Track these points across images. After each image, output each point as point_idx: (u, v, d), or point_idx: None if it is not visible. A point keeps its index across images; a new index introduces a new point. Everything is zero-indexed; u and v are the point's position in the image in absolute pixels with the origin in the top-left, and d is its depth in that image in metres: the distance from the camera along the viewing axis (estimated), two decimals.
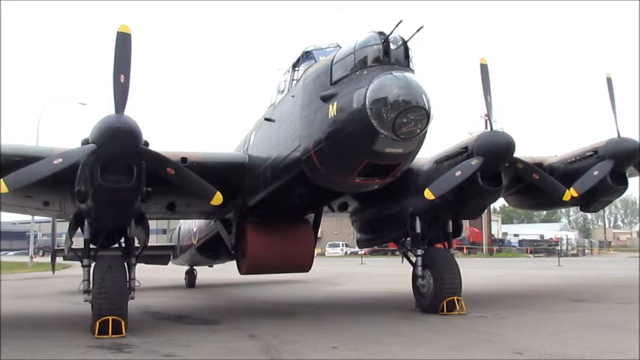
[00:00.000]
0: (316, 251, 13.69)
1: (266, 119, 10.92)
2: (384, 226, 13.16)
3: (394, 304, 13.22)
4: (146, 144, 9.00)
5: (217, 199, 9.38)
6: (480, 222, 53.91)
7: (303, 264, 12.91)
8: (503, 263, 37.39)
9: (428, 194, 10.33)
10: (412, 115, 7.94)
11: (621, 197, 20.22)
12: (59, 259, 20.65)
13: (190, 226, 16.84)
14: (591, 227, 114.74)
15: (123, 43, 8.79)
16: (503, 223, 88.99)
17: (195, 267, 20.63)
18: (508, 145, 10.83)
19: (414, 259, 12.14)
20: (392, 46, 8.34)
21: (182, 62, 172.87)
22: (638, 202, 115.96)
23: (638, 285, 16.39)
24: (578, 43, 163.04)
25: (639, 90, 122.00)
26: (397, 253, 17.10)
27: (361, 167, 8.77)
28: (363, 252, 44.48)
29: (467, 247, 55.67)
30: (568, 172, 12.99)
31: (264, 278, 20.51)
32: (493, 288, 17.53)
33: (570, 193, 11.88)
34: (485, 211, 24.49)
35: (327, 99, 8.70)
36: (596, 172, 12.32)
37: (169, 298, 16.89)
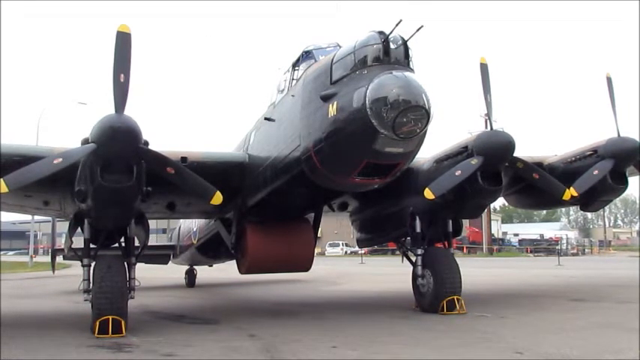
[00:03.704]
0: (316, 251, 13.68)
1: (266, 119, 10.92)
2: (384, 226, 13.16)
3: (394, 304, 13.22)
4: (146, 143, 9.01)
5: (217, 198, 9.38)
6: (479, 221, 53.88)
7: (303, 263, 12.92)
8: (503, 263, 37.40)
9: (428, 194, 10.34)
10: (412, 114, 7.94)
11: (621, 196, 20.22)
12: (59, 259, 20.66)
13: (190, 226, 16.84)
14: (591, 226, 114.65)
15: (123, 42, 8.79)
16: (503, 222, 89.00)
17: (195, 266, 20.64)
18: (508, 145, 10.83)
19: (413, 259, 12.14)
20: (392, 46, 8.34)
21: (182, 62, 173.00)
22: (638, 201, 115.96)
23: (638, 285, 16.39)
24: (578, 43, 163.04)
25: (639, 90, 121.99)
26: (397, 252, 17.10)
27: (361, 167, 8.77)
28: (363, 251, 44.47)
29: (467, 247, 55.69)
30: (568, 171, 12.99)
31: (264, 278, 20.50)
32: (493, 287, 17.54)
33: (570, 192, 11.89)
34: (485, 210, 24.51)
35: (327, 98, 8.70)
36: (596, 172, 12.32)
37: (169, 297, 16.89)
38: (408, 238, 12.57)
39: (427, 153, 11.49)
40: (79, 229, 10.66)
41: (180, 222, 18.84)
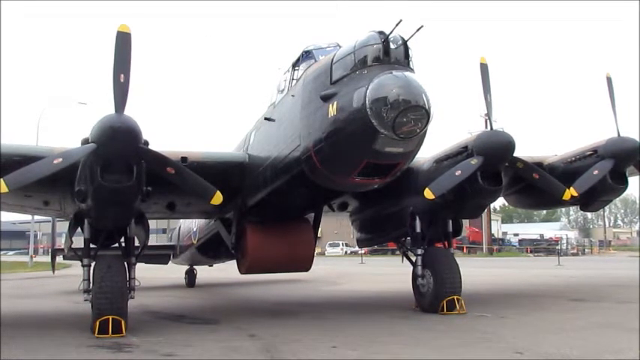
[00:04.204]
0: (316, 251, 13.68)
1: (266, 119, 10.92)
2: (384, 226, 13.16)
3: (394, 304, 13.22)
4: (146, 143, 9.02)
5: (217, 198, 9.38)
6: (479, 221, 53.88)
7: (303, 263, 12.92)
8: (504, 263, 37.41)
9: (428, 193, 10.34)
10: (412, 114, 7.94)
11: (621, 196, 20.22)
12: (59, 259, 20.65)
13: (190, 226, 16.84)
14: (591, 226, 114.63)
15: (123, 42, 8.79)
16: (503, 222, 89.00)
17: (195, 266, 20.63)
18: (508, 145, 10.83)
19: (414, 259, 12.14)
20: (392, 46, 8.34)
21: (182, 62, 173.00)
22: (638, 201, 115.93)
23: (638, 285, 16.39)
24: (578, 43, 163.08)
25: (639, 90, 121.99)
26: (397, 252, 17.11)
27: (361, 167, 8.77)
28: (362, 251, 44.48)
29: (467, 247, 55.69)
30: (568, 171, 12.99)
31: (264, 278, 20.50)
32: (493, 287, 17.54)
33: (570, 192, 11.89)
34: (485, 210, 24.50)
35: (327, 98, 8.70)
36: (596, 172, 12.32)
37: (169, 297, 16.89)
38: (408, 238, 12.57)
39: (427, 153, 11.50)
40: (79, 229, 10.67)
41: (180, 222, 18.84)
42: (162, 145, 9.65)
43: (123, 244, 10.44)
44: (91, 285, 9.85)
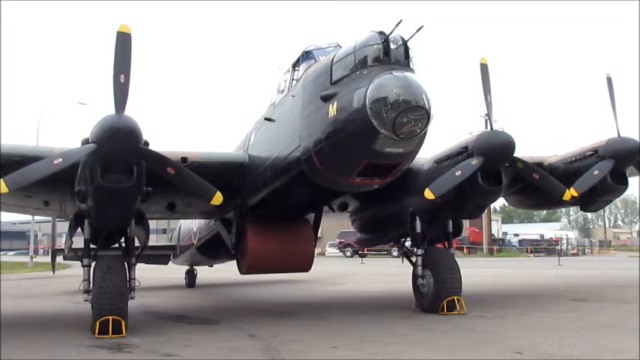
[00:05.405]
0: (316, 251, 13.67)
1: (266, 119, 10.92)
2: (385, 226, 13.17)
3: (394, 304, 13.22)
4: (146, 144, 9.02)
5: (217, 199, 9.39)
6: (480, 222, 53.82)
7: (303, 264, 12.91)
8: (504, 263, 37.38)
9: (428, 194, 10.34)
10: (412, 114, 7.94)
11: (621, 197, 20.24)
12: (59, 259, 20.65)
13: (190, 226, 16.84)
14: (591, 227, 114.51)
15: (123, 42, 8.80)
16: (503, 222, 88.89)
17: (195, 267, 20.63)
18: (508, 145, 10.84)
19: (414, 259, 12.14)
20: (392, 46, 8.34)
21: (182, 62, 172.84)
22: (638, 201, 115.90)
23: (638, 285, 16.39)
24: (578, 43, 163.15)
25: (639, 90, 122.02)
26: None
27: (361, 167, 8.77)
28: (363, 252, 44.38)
29: (467, 247, 55.61)
30: (568, 171, 13.00)
31: (264, 278, 20.50)
32: (493, 288, 17.53)
33: (570, 192, 11.90)
34: (486, 210, 24.49)
35: (327, 99, 8.70)
36: (596, 172, 12.33)
37: (169, 298, 16.88)
38: (408, 238, 12.58)
39: (427, 153, 11.50)
40: (79, 230, 10.67)
41: (180, 222, 18.82)
42: (162, 145, 9.67)
43: (123, 245, 10.43)
44: (91, 285, 9.85)
